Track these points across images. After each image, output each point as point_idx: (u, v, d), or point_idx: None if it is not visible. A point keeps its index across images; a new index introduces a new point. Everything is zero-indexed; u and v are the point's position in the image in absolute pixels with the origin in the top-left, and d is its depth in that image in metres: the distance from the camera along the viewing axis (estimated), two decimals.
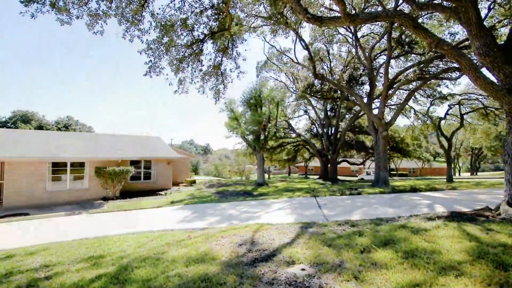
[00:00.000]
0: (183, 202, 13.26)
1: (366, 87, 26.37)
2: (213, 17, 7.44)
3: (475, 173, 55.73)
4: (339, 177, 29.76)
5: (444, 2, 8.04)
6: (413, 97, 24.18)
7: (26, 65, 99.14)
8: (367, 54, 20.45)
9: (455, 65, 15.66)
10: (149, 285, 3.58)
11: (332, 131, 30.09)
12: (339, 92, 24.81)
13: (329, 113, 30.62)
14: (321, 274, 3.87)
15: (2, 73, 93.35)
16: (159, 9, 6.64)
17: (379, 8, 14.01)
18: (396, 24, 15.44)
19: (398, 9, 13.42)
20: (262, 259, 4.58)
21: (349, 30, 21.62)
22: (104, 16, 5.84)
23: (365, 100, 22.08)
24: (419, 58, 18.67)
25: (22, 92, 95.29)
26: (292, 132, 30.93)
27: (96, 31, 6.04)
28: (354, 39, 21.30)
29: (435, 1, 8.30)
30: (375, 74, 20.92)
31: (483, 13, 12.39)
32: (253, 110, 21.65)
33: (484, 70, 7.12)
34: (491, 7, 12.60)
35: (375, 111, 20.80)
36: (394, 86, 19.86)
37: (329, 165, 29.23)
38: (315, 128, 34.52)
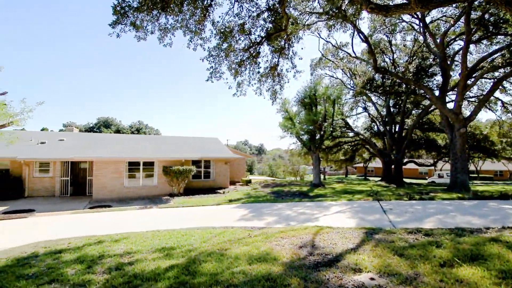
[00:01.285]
0: (240, 201, 13.71)
1: (438, 79, 23.41)
2: (269, 19, 7.51)
3: None
4: (404, 180, 27.04)
5: None
6: (500, 87, 20.48)
7: (107, 77, 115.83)
8: (438, 41, 18.10)
9: None
10: (216, 279, 3.78)
11: (396, 129, 27.49)
12: (404, 86, 22.54)
13: (392, 110, 28.06)
14: (393, 286, 3.54)
15: (90, 85, 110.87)
16: (219, 17, 7.03)
17: None
18: (477, 2, 13.28)
19: None
20: (325, 264, 4.41)
21: (415, 16, 19.46)
22: (172, 29, 6.46)
23: (437, 93, 19.58)
24: (509, 40, 15.73)
25: (104, 101, 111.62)
26: (349, 131, 29.27)
27: (166, 43, 6.73)
28: (421, 25, 19.10)
29: None
30: (448, 63, 18.39)
31: None
32: (308, 109, 21.17)
33: None
34: None
35: (450, 105, 18.27)
36: (475, 75, 17.13)
37: (392, 166, 26.81)
38: (375, 126, 32.03)
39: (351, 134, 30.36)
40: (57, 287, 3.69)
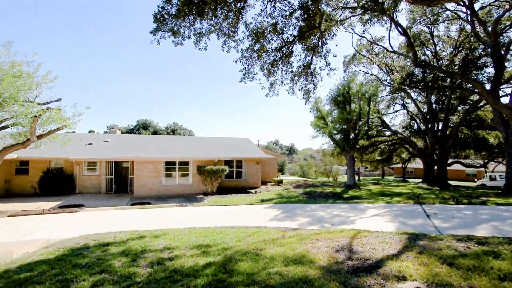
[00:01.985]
0: (272, 201, 13.69)
1: (489, 71, 21.21)
2: (302, 17, 7.38)
3: None
4: (449, 182, 24.92)
5: None
6: None
7: (145, 81, 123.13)
8: (490, 29, 16.39)
9: None
10: (253, 279, 3.80)
11: (439, 127, 25.44)
12: (448, 80, 20.79)
13: (434, 106, 26.05)
14: None
15: (130, 89, 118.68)
16: (252, 18, 7.11)
17: None
18: None
19: None
20: (365, 269, 4.22)
21: (461, 4, 17.83)
22: (207, 33, 6.67)
23: (488, 86, 17.75)
24: None
25: (143, 104, 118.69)
26: (386, 129, 27.75)
27: (201, 47, 6.97)
28: (469, 13, 17.45)
29: None
30: (503, 53, 16.57)
31: None
32: (341, 108, 20.49)
33: None
34: None
35: (504, 100, 16.44)
36: None
37: (435, 167, 24.88)
38: (415, 124, 29.97)
39: (388, 133, 28.79)
40: (106, 277, 3.98)
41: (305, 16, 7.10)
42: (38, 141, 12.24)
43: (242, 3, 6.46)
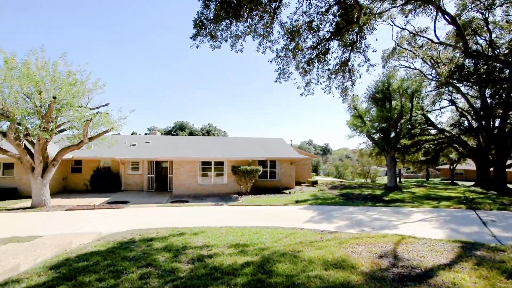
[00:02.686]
0: (307, 202, 13.43)
1: None
2: (339, 13, 7.12)
3: None
4: (509, 186, 22.22)
5: None
6: None
7: (181, 84, 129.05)
8: None
9: None
10: (293, 281, 3.73)
11: (496, 124, 22.82)
12: (507, 71, 18.56)
13: (489, 101, 23.43)
14: None
15: (168, 92, 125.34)
16: (287, 17, 7.01)
17: None
18: None
19: None
20: (413, 279, 3.92)
21: None
22: (242, 35, 6.76)
23: None
24: None
25: (180, 106, 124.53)
26: (431, 127, 25.62)
27: (237, 49, 7.09)
28: None
29: None
30: None
31: None
32: (380, 105, 19.41)
33: None
34: None
35: None
36: None
37: (491, 169, 22.38)
38: (466, 122, 27.23)
39: (433, 132, 26.57)
40: (152, 270, 4.21)
41: (342, 11, 6.83)
42: (90, 142, 13.45)
43: (277, 3, 6.42)
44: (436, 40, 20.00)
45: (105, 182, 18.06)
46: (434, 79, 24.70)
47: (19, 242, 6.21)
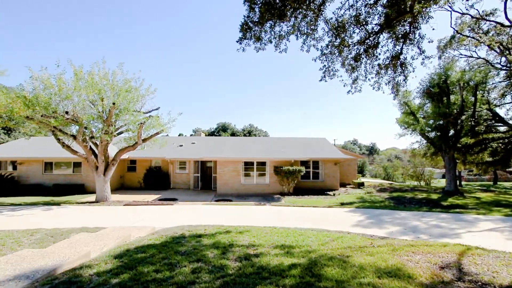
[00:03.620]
0: (354, 204, 12.81)
1: None
2: (389, 3, 6.63)
3: None
4: None
5: None
6: None
7: (223, 85, 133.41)
8: None
9: None
10: (344, 287, 3.58)
11: None
12: None
13: None
14: None
15: (211, 94, 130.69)
16: (333, 13, 6.75)
17: None
18: None
19: None
20: None
21: None
22: (286, 35, 6.72)
23: None
24: None
25: (222, 107, 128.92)
26: (500, 124, 22.45)
27: (281, 49, 7.06)
28: None
29: None
30: None
31: None
32: (436, 100, 17.64)
33: None
34: None
35: None
36: None
37: None
38: None
39: (502, 129, 23.26)
40: (202, 265, 4.40)
41: (393, 1, 6.33)
42: (143, 143, 14.65)
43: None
44: (507, 23, 17.47)
45: (156, 180, 19.50)
46: (504, 68, 21.61)
47: (88, 232, 7.01)
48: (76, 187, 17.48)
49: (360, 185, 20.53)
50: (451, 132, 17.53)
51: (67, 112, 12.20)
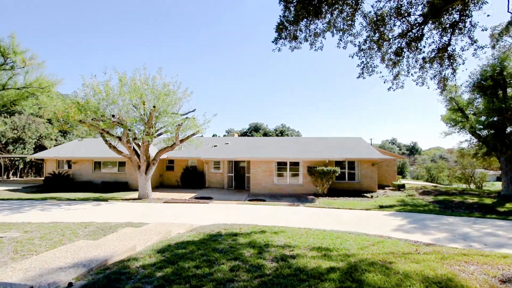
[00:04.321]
0: (394, 208, 12.10)
1: None
2: None
3: None
4: None
5: None
6: None
7: (255, 85, 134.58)
8: None
9: None
10: None
11: None
12: None
13: None
14: None
15: (244, 94, 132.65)
16: (372, 6, 6.42)
17: None
18: None
19: None
20: None
21: None
22: (322, 33, 6.56)
23: None
24: None
25: (254, 108, 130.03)
26: None
27: (317, 47, 6.91)
28: None
29: None
30: None
31: None
32: (489, 94, 15.94)
33: None
34: None
35: None
36: None
37: None
38: None
39: None
40: (240, 264, 4.48)
41: None
42: (180, 144, 15.35)
43: None
44: None
45: (192, 179, 20.28)
46: None
47: (133, 227, 7.52)
48: (121, 185, 18.88)
49: (401, 187, 19.31)
50: (508, 129, 15.71)
51: (113, 116, 13.24)
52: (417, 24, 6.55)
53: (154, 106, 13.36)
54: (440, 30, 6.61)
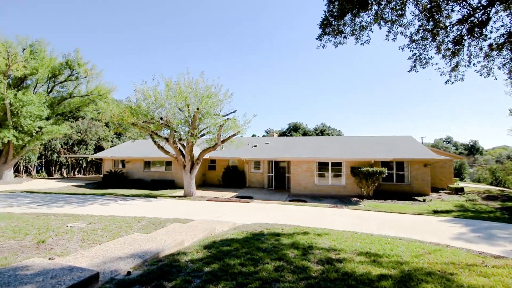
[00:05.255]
0: (451, 213, 10.94)
1: None
2: None
3: None
4: None
5: None
6: None
7: (293, 85, 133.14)
8: None
9: None
10: None
11: None
12: None
13: None
14: None
15: (282, 95, 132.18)
16: None
17: None
18: None
19: None
20: None
21: None
22: (368, 25, 6.21)
23: None
24: None
25: (293, 107, 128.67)
26: None
27: (363, 41, 6.57)
28: None
29: None
30: None
31: None
32: None
33: None
34: None
35: None
36: None
37: None
38: None
39: None
40: (284, 264, 4.44)
41: None
42: (222, 144, 15.83)
43: None
44: None
45: (233, 179, 20.79)
46: None
47: (180, 223, 7.96)
48: (167, 183, 20.16)
49: (458, 190, 17.39)
50: None
51: (161, 118, 14.19)
52: (481, 7, 5.80)
53: (197, 108, 13.99)
54: (511, 11, 5.76)
